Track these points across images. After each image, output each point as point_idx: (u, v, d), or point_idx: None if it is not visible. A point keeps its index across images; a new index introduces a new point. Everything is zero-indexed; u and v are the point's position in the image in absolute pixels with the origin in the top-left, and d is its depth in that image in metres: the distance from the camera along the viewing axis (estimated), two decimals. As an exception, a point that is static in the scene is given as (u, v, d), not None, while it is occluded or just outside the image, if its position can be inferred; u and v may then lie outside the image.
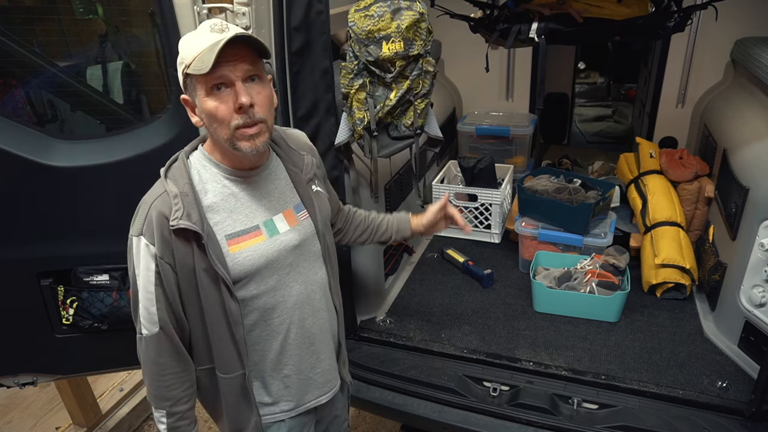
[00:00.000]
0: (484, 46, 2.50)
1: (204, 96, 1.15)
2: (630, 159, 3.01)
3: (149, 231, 1.18)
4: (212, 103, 1.14)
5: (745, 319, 1.98)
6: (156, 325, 1.22)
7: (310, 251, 1.36)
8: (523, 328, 2.27)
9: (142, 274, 1.20)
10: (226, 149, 1.20)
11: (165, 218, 1.17)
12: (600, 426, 1.79)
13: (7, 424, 2.83)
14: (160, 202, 1.18)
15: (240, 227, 1.24)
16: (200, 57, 1.10)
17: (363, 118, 1.90)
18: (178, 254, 1.19)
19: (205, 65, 1.08)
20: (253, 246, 1.24)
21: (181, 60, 1.15)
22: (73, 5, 1.86)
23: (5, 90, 1.79)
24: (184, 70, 1.15)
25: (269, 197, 1.30)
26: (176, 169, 1.23)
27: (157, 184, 1.22)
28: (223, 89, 1.13)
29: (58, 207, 1.70)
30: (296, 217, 1.33)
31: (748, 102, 2.45)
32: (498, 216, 2.90)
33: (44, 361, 1.92)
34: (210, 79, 1.12)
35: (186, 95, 1.20)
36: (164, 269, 1.19)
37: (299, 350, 1.37)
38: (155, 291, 1.20)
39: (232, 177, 1.25)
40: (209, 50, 1.09)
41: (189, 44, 1.14)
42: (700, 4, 2.21)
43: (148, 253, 1.18)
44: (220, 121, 1.15)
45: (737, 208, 2.06)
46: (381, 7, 1.77)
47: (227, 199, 1.24)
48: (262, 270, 1.26)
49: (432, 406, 1.97)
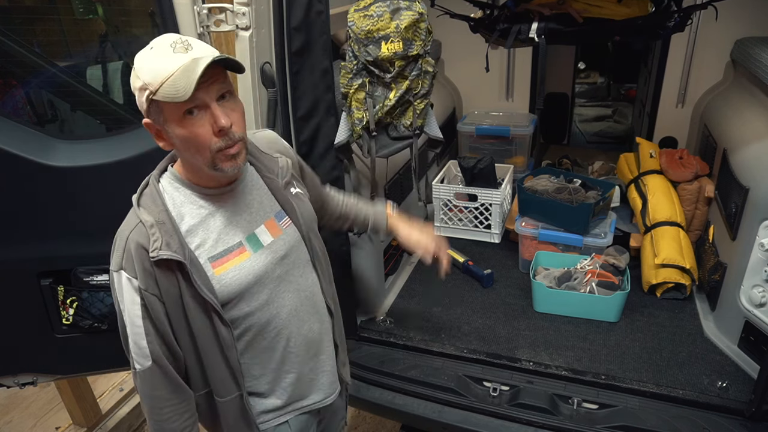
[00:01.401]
0: (484, 46, 2.50)
1: (175, 123, 1.07)
2: (630, 159, 3.01)
3: (129, 264, 1.13)
4: (186, 130, 1.07)
5: (745, 319, 1.98)
6: (148, 358, 1.18)
7: (299, 258, 1.33)
8: (523, 328, 2.27)
9: (127, 309, 1.16)
10: (201, 170, 1.15)
11: (144, 249, 1.12)
12: (600, 426, 1.79)
13: (7, 424, 2.83)
14: (137, 233, 1.13)
15: (222, 247, 1.20)
16: (171, 83, 1.01)
17: (362, 118, 1.90)
18: (162, 284, 1.14)
19: (181, 93, 1.01)
20: (238, 265, 1.20)
21: (143, 84, 1.04)
22: (73, 5, 1.86)
23: (5, 90, 1.79)
24: (149, 96, 1.05)
25: (248, 210, 1.26)
26: (148, 197, 1.17)
27: (130, 214, 1.17)
28: (196, 113, 1.06)
29: (58, 207, 1.70)
30: (278, 226, 1.29)
31: (748, 102, 2.45)
32: (498, 216, 2.89)
33: (44, 361, 1.92)
34: (182, 105, 1.04)
35: (149, 120, 1.11)
36: (150, 300, 1.15)
37: (299, 357, 1.36)
38: (143, 324, 1.16)
39: (208, 196, 1.20)
40: (183, 75, 1.01)
41: (152, 66, 1.04)
42: (700, 4, 2.21)
43: (130, 286, 1.14)
44: (198, 147, 1.09)
45: (737, 208, 2.06)
46: (380, 7, 1.77)
47: (206, 220, 1.19)
48: (252, 287, 1.23)
49: (432, 406, 1.97)
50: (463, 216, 2.99)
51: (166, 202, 1.17)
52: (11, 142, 1.61)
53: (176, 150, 1.15)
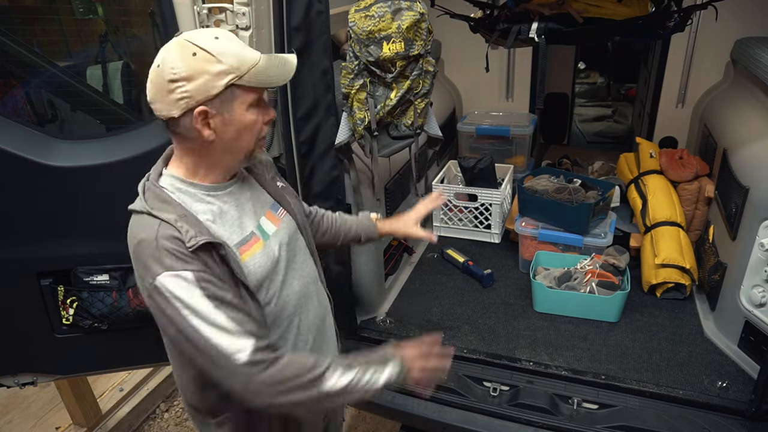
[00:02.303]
0: (484, 46, 2.50)
1: (245, 108, 1.12)
2: (630, 159, 3.01)
3: (171, 262, 1.05)
4: (253, 116, 1.14)
5: (745, 319, 1.98)
6: (248, 338, 1.08)
7: (299, 246, 1.36)
8: (523, 328, 2.27)
9: (193, 308, 1.05)
10: (219, 166, 1.18)
11: (180, 241, 1.06)
12: (600, 426, 1.79)
13: (7, 424, 2.83)
14: (164, 230, 1.07)
15: (238, 238, 1.20)
16: (261, 70, 1.09)
17: (364, 118, 1.90)
18: (210, 267, 1.10)
19: (274, 79, 1.12)
20: (258, 252, 1.23)
21: (228, 68, 1.05)
22: (73, 5, 1.86)
23: (5, 90, 1.79)
24: (232, 80, 1.06)
25: (250, 203, 1.28)
26: (156, 200, 1.13)
27: (145, 221, 1.10)
28: (259, 102, 1.16)
29: (58, 207, 1.70)
30: (276, 216, 1.33)
31: (748, 102, 2.45)
32: (498, 216, 2.89)
33: (44, 361, 1.92)
34: (259, 92, 1.14)
35: (206, 107, 1.07)
36: (210, 282, 1.07)
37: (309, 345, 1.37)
38: (223, 313, 1.07)
39: (212, 193, 1.20)
40: (270, 64, 1.11)
41: (236, 52, 1.07)
42: (700, 4, 2.21)
43: (185, 283, 1.05)
44: (253, 133, 1.17)
45: (737, 208, 2.06)
46: (381, 7, 1.77)
47: (217, 214, 1.20)
48: (270, 274, 1.25)
49: (432, 406, 1.97)
50: (463, 216, 2.99)
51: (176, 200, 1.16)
52: (11, 142, 1.61)
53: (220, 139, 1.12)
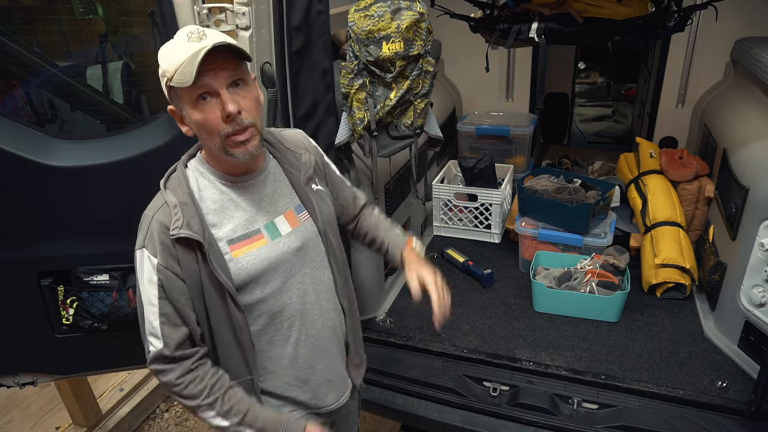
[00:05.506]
0: (484, 46, 2.50)
1: (190, 107, 1.14)
2: (630, 159, 3.01)
3: (151, 243, 1.17)
4: (199, 115, 1.13)
5: (745, 319, 1.98)
6: (160, 340, 1.19)
7: (315, 252, 1.35)
8: (523, 328, 2.27)
9: (145, 288, 1.19)
10: (220, 156, 1.20)
11: (166, 228, 1.17)
12: (600, 426, 1.79)
13: (7, 424, 2.83)
14: (161, 213, 1.18)
15: (241, 232, 1.23)
16: (181, 69, 1.08)
17: (363, 118, 1.90)
18: (183, 263, 1.18)
19: (187, 78, 1.07)
20: (255, 250, 1.24)
21: (162, 72, 1.13)
22: (73, 5, 1.86)
23: (5, 90, 1.79)
24: (167, 83, 1.13)
25: (269, 200, 1.29)
26: (174, 179, 1.23)
27: (157, 196, 1.22)
28: (209, 99, 1.12)
29: (58, 207, 1.70)
30: (297, 218, 1.32)
31: (748, 102, 2.45)
32: (498, 216, 2.89)
33: (44, 361, 1.92)
34: (194, 90, 1.11)
35: (172, 106, 1.19)
36: (168, 279, 1.18)
37: (312, 353, 1.36)
38: (159, 304, 1.18)
39: (229, 183, 1.25)
40: (189, 61, 1.07)
41: (169, 55, 1.12)
42: (700, 4, 2.21)
43: (150, 265, 1.17)
44: (209, 132, 1.15)
45: (737, 208, 2.06)
46: (381, 7, 1.77)
47: (226, 205, 1.23)
48: (266, 273, 1.26)
49: (432, 406, 1.97)
50: (463, 216, 2.99)
51: (190, 185, 1.22)
52: (11, 142, 1.61)
53: (196, 135, 1.20)
